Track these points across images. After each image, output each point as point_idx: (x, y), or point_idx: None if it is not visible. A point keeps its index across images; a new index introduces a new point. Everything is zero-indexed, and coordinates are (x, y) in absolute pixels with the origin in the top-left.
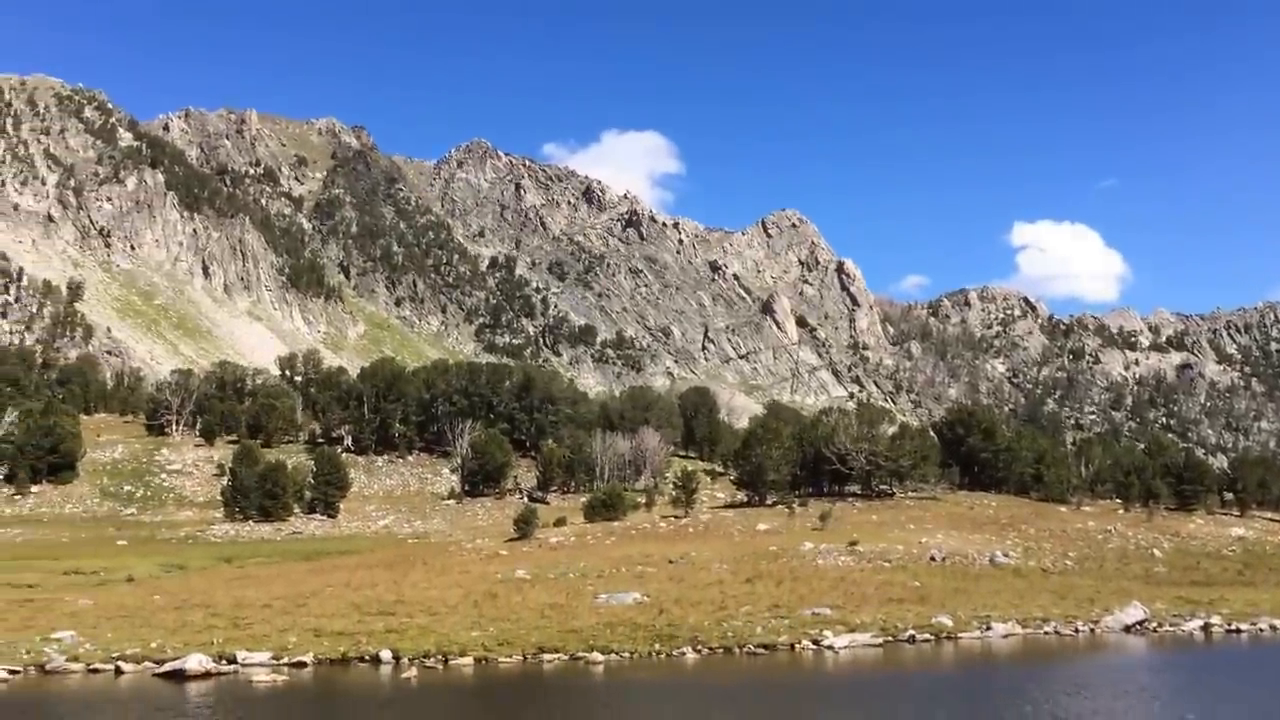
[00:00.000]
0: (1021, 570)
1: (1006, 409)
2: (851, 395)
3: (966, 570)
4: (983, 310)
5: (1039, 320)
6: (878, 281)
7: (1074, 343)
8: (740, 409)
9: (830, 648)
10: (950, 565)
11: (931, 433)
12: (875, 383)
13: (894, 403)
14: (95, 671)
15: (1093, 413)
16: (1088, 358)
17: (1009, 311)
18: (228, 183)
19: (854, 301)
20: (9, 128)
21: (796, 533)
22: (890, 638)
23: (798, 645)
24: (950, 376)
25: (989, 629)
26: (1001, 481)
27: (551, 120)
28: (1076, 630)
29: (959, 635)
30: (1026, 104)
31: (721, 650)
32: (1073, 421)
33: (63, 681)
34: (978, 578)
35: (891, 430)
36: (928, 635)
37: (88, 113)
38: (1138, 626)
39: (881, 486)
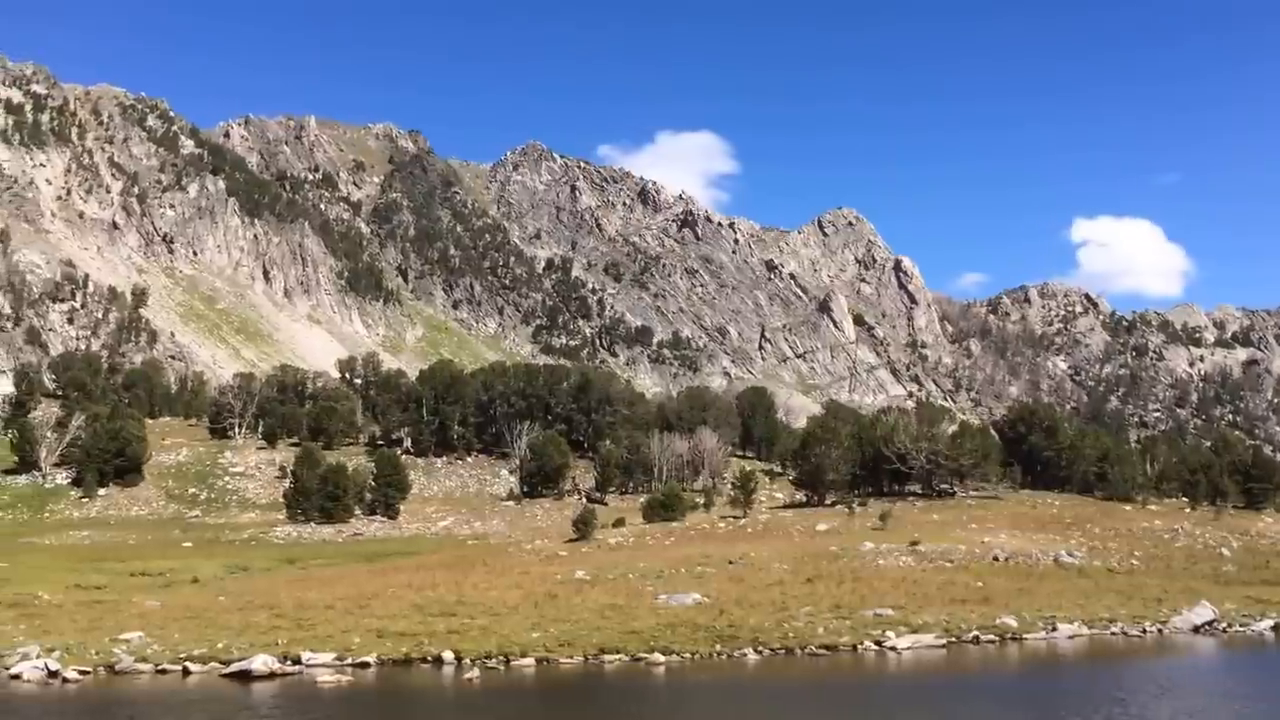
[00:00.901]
0: (1086, 570)
1: (1069, 407)
2: (910, 394)
3: (1030, 570)
4: (1043, 307)
5: (1101, 317)
6: (936, 279)
7: (1137, 339)
8: (798, 408)
9: (893, 649)
10: (1014, 565)
11: (992, 431)
12: (934, 381)
13: (953, 401)
14: (163, 672)
15: (1157, 410)
16: (1151, 354)
17: (1070, 308)
18: (287, 188)
19: (912, 299)
20: (74, 138)
21: (856, 533)
22: (954, 639)
23: (860, 646)
24: (1010, 374)
25: (1054, 630)
26: (1065, 480)
27: (606, 122)
28: (1144, 631)
29: (1024, 636)
30: (1085, 99)
31: (783, 651)
32: (1137, 419)
33: (132, 682)
34: (1042, 578)
35: (952, 429)
36: (992, 636)
37: (150, 121)
38: (1206, 627)
39: (942, 486)
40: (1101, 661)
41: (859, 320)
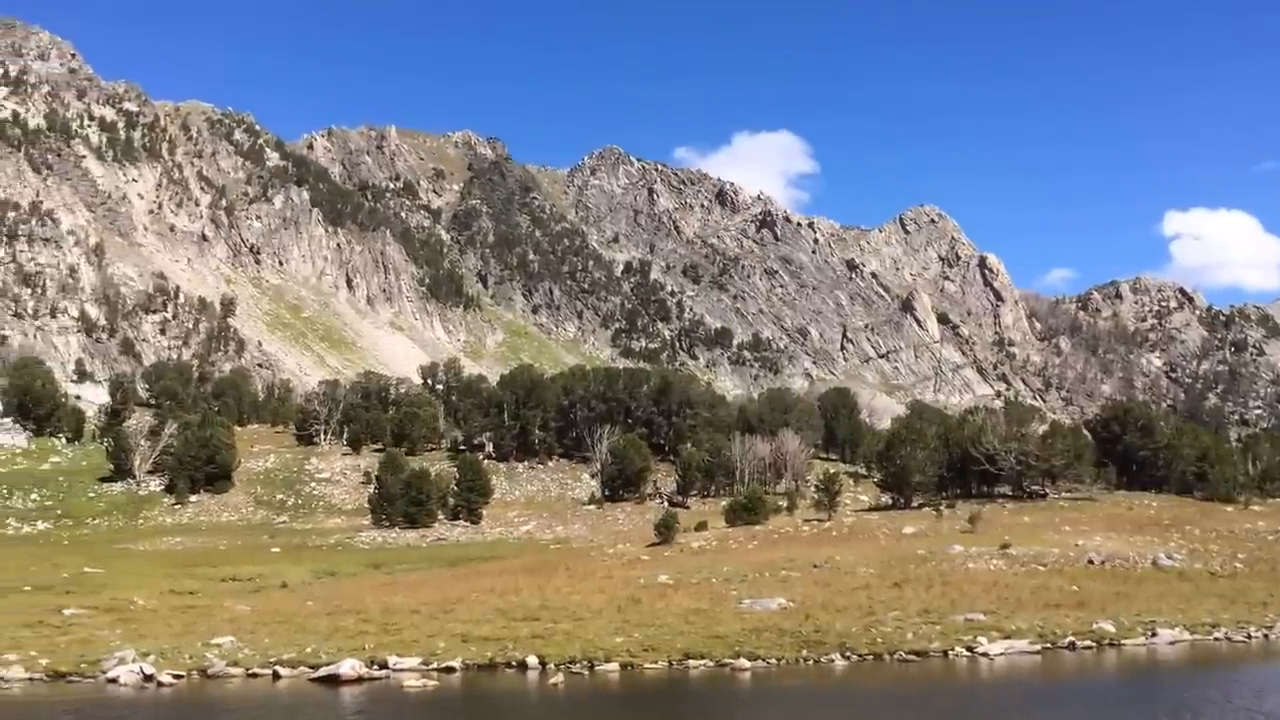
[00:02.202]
0: (1187, 573)
1: (1164, 405)
2: (998, 393)
3: (1128, 574)
4: (1135, 303)
5: (1197, 311)
6: (1022, 276)
7: (1235, 334)
8: (882, 409)
9: (985, 655)
10: (1110, 569)
11: (1085, 431)
12: (1023, 380)
13: (1043, 400)
14: (254, 676)
15: (1258, 407)
16: (1251, 350)
17: (1164, 303)
18: (369, 197)
19: (998, 297)
20: (164, 153)
21: (945, 535)
22: (1049, 644)
23: (951, 652)
24: (1103, 372)
25: (1154, 635)
26: (1162, 481)
27: (682, 124)
28: (1249, 636)
29: (1122, 642)
30: (1174, 86)
31: (871, 657)
32: (1237, 417)
33: (224, 686)
34: (1140, 581)
35: (1042, 429)
36: (1089, 642)
37: (237, 135)
38: None
39: (1033, 487)
40: (1205, 668)
41: (943, 319)
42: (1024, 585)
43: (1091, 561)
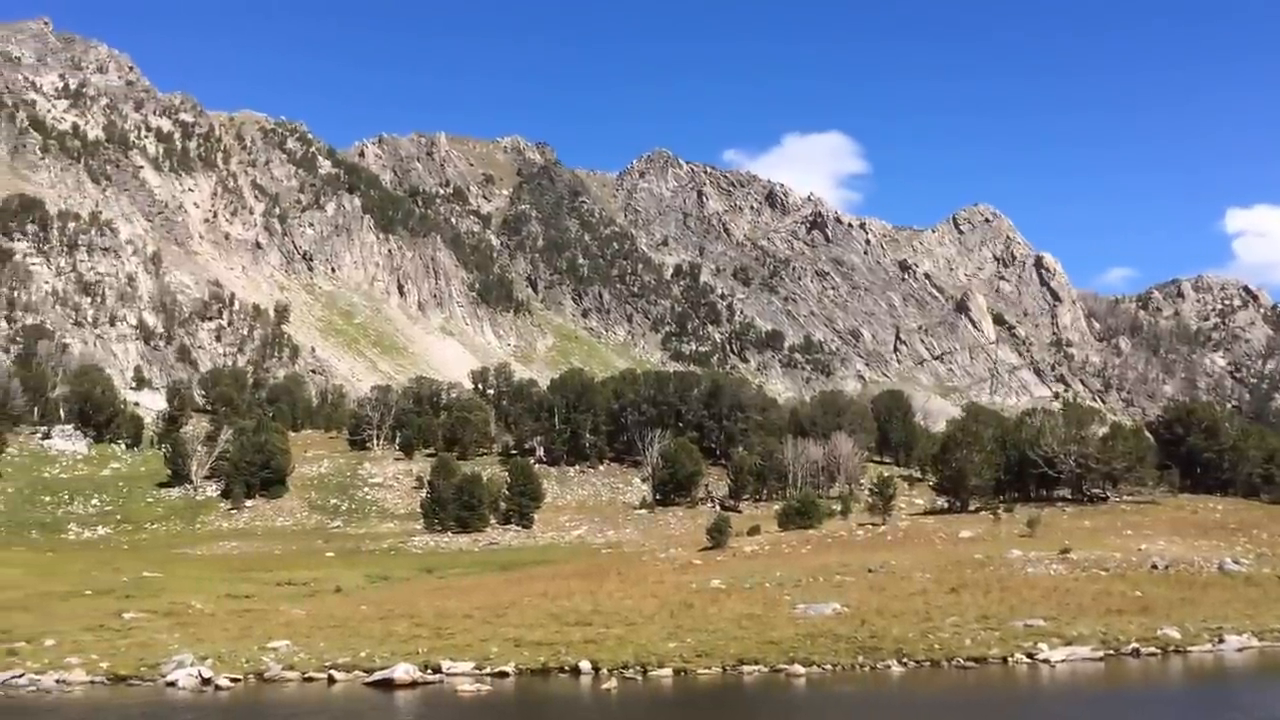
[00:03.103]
0: (1255, 578)
1: (1229, 405)
2: (1056, 395)
3: (1193, 579)
4: (1198, 301)
5: (1262, 310)
6: (1080, 275)
7: None
8: (936, 412)
9: (1046, 661)
10: (1174, 573)
11: (1146, 433)
12: (1081, 381)
13: (1103, 402)
14: (310, 680)
15: None
16: None
17: (1227, 302)
18: (419, 203)
19: (1055, 297)
20: (219, 162)
21: (1003, 540)
22: (1111, 651)
23: (1010, 658)
24: (1164, 373)
25: (1221, 642)
26: (1227, 484)
27: (731, 126)
28: None
29: (1188, 649)
30: (1234, 81)
31: (929, 663)
32: None
33: (280, 689)
34: (1205, 586)
35: (1102, 431)
36: (1153, 649)
37: (290, 144)
38: None
39: (1093, 490)
40: (1275, 675)
41: (999, 319)
42: (1085, 590)
43: (1155, 566)
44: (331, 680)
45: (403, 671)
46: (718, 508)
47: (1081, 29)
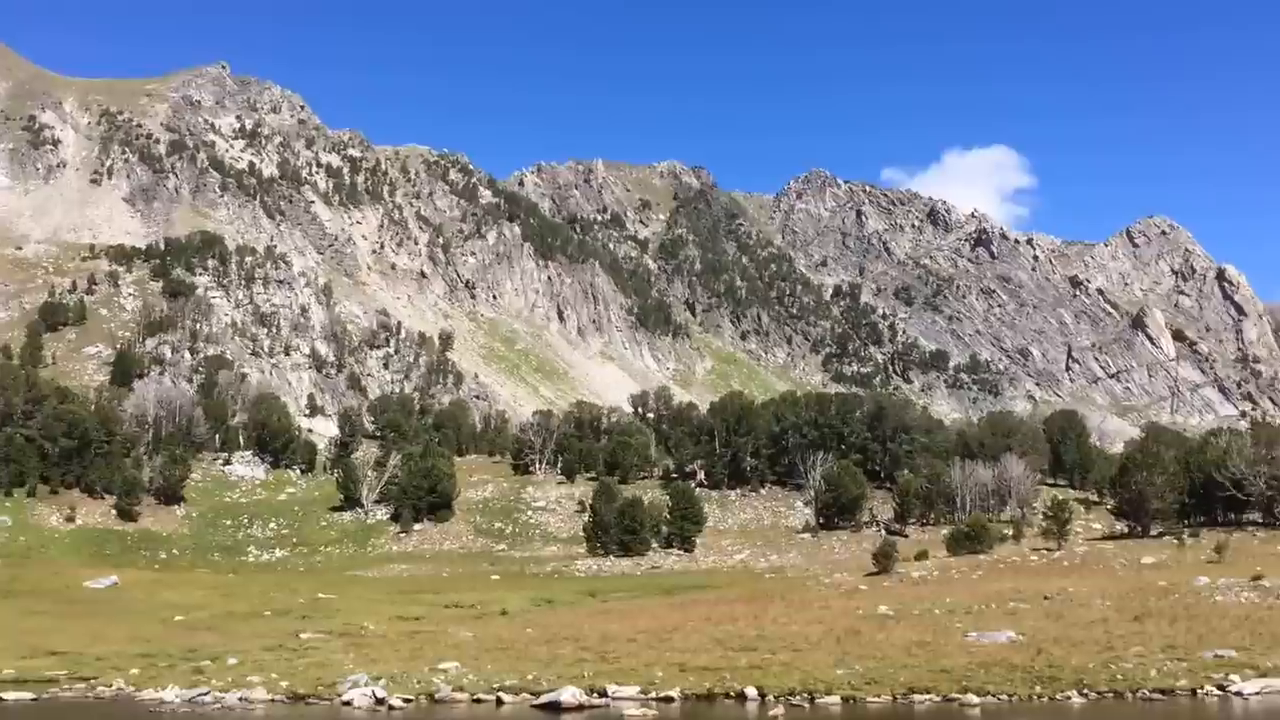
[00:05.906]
0: None
1: None
2: (1243, 414)
3: None
4: None
5: None
6: (1267, 288)
7: None
8: (1113, 432)
9: (1239, 694)
10: None
11: None
12: (1270, 399)
13: None
14: (479, 701)
15: None
16: None
17: None
18: (578, 230)
19: (1239, 310)
20: (385, 195)
21: (1188, 566)
22: None
23: (1199, 690)
24: None
25: None
26: None
27: (889, 144)
28: None
29: None
30: None
31: (1111, 695)
32: None
33: (450, 710)
34: None
35: None
36: None
37: (452, 175)
38: None
39: None
40: None
41: (1179, 335)
42: None
43: None
44: (499, 702)
45: (569, 695)
46: (883, 532)
47: (1259, 23)
